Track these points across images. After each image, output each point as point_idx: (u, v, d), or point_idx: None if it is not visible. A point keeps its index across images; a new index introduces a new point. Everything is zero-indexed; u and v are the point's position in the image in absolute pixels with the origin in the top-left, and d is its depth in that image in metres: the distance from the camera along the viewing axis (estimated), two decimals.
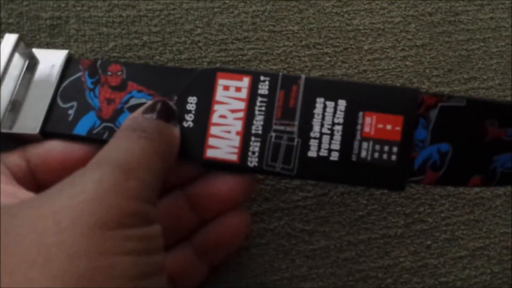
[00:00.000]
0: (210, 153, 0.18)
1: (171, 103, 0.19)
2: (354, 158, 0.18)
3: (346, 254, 0.24)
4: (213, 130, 0.18)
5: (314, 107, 0.18)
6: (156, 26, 0.26)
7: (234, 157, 0.18)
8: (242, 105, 0.18)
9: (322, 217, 0.24)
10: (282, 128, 0.18)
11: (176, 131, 0.18)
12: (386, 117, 0.18)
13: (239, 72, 0.19)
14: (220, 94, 0.18)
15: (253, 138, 0.18)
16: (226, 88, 0.18)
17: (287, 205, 0.24)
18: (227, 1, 0.28)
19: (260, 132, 0.18)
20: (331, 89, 0.18)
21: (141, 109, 0.18)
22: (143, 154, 0.17)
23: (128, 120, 0.18)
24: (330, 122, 0.18)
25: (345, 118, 0.18)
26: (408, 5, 0.30)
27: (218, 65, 0.25)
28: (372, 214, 0.25)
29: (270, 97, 0.18)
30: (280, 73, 0.18)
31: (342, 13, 0.29)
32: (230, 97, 0.18)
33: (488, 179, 0.18)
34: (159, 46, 0.26)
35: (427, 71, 0.28)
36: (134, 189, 0.16)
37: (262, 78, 0.18)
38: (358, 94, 0.18)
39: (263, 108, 0.18)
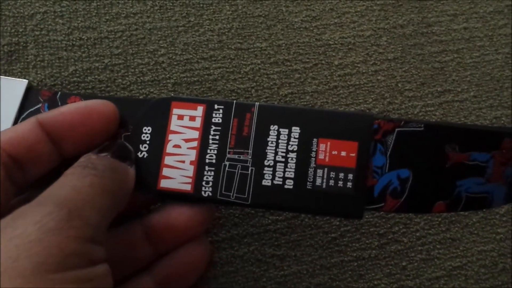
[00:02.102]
0: (164, 184, 0.17)
1: (128, 145, 0.17)
2: (309, 186, 0.16)
3: (319, 279, 0.22)
4: (167, 160, 0.17)
5: (268, 135, 0.17)
6: (118, 48, 0.23)
7: (188, 187, 0.17)
8: (196, 134, 0.17)
9: (293, 241, 0.23)
10: (236, 156, 0.17)
11: (131, 170, 0.17)
12: (340, 143, 0.17)
13: (193, 101, 0.17)
14: (174, 123, 0.17)
15: (207, 168, 0.17)
16: (180, 117, 0.17)
17: (257, 230, 0.22)
18: (192, 19, 0.26)
19: (214, 161, 0.17)
20: (285, 116, 0.17)
21: (97, 148, 0.17)
22: (90, 191, 0.15)
23: (81, 158, 0.17)
24: (284, 150, 0.17)
25: (299, 145, 0.17)
26: (379, 17, 0.28)
27: (183, 86, 0.24)
28: (345, 236, 0.23)
29: (224, 125, 0.17)
30: (234, 101, 0.17)
31: (311, 28, 0.27)
32: (184, 126, 0.17)
33: (453, 205, 0.17)
34: (121, 69, 0.23)
35: (399, 85, 0.27)
36: (77, 229, 0.14)
37: (216, 106, 0.17)
38: (312, 120, 0.17)
39: (217, 137, 0.17)
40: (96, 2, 0.24)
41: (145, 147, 0.17)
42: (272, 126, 0.17)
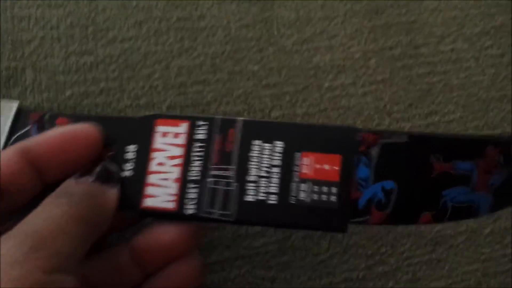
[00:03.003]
0: (147, 203, 0.16)
1: (112, 166, 0.17)
2: (292, 200, 0.16)
3: None
4: (151, 178, 0.17)
5: (251, 150, 0.17)
6: (114, 72, 0.23)
7: (171, 205, 0.16)
8: (180, 151, 0.17)
9: (284, 263, 0.22)
10: (219, 173, 0.17)
11: (112, 192, 0.16)
12: (323, 157, 0.16)
13: (177, 118, 0.17)
14: (158, 141, 0.17)
15: (190, 185, 0.16)
16: (164, 134, 0.17)
17: (248, 252, 0.22)
18: (186, 43, 0.25)
19: (197, 178, 0.16)
20: (268, 131, 0.17)
21: (78, 173, 0.17)
22: (62, 221, 0.15)
23: (60, 185, 0.16)
24: (267, 165, 0.16)
25: (282, 159, 0.16)
26: (369, 39, 0.28)
27: (177, 109, 0.24)
28: (334, 257, 0.23)
29: (208, 142, 0.17)
30: (218, 117, 0.17)
31: (302, 51, 0.27)
32: (168, 143, 0.17)
33: (440, 215, 0.16)
34: (117, 92, 0.23)
35: (387, 106, 0.27)
36: (44, 259, 0.14)
37: (200, 123, 0.17)
38: (295, 134, 0.16)
39: (201, 154, 0.17)
40: (93, 27, 0.24)
41: (129, 166, 0.17)
42: (255, 141, 0.17)
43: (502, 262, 0.23)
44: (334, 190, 0.16)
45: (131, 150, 0.17)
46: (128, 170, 0.17)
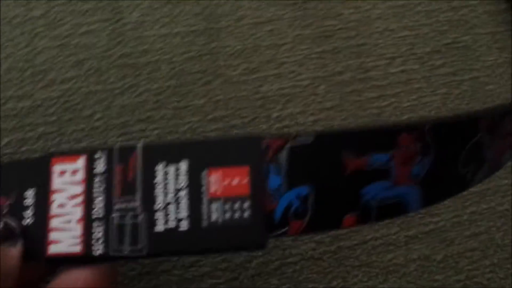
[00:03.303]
0: (52, 250, 0.15)
1: (12, 220, 0.16)
2: (205, 223, 0.15)
3: None
4: (53, 222, 0.15)
5: (154, 176, 0.15)
6: (53, 115, 0.22)
7: (78, 249, 0.15)
8: (79, 189, 0.16)
9: None
10: (124, 206, 0.15)
11: (14, 251, 0.16)
12: (231, 170, 0.15)
13: (73, 153, 0.16)
14: (56, 181, 0.16)
15: (95, 224, 0.15)
16: (62, 173, 0.16)
17: None
18: (128, 81, 0.24)
19: (101, 215, 0.15)
20: (170, 152, 0.15)
21: None
22: None
23: None
24: (173, 189, 0.15)
25: (188, 181, 0.15)
26: (317, 66, 0.28)
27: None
28: None
29: (108, 173, 0.15)
30: (116, 145, 0.16)
31: (249, 81, 0.27)
32: (67, 182, 0.16)
33: (364, 216, 0.15)
34: (56, 137, 0.22)
35: (349, 125, 0.27)
36: None
37: (97, 155, 0.16)
38: (199, 151, 0.15)
39: (102, 188, 0.16)
40: (31, 70, 0.23)
41: (29, 213, 0.16)
42: (158, 165, 0.15)
43: (457, 287, 0.23)
44: (246, 205, 0.15)
45: (29, 196, 0.16)
46: (28, 217, 0.16)
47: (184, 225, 0.15)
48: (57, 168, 0.16)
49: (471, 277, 0.23)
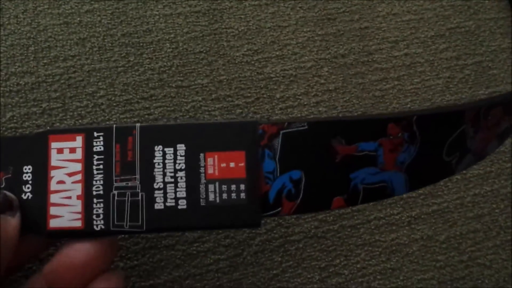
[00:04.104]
0: (53, 224, 0.16)
1: (11, 192, 0.16)
2: (202, 203, 0.16)
3: None
4: (53, 198, 0.16)
5: (153, 157, 0.16)
6: (56, 92, 0.23)
7: (78, 224, 0.16)
8: (79, 166, 0.16)
9: (235, 280, 0.22)
10: (123, 184, 0.16)
11: (12, 221, 0.16)
12: (228, 154, 0.16)
13: (71, 132, 0.16)
14: (54, 158, 0.16)
15: (95, 200, 0.16)
16: (60, 151, 0.16)
17: (199, 271, 0.22)
18: (131, 59, 0.25)
19: (101, 192, 0.16)
20: (168, 134, 0.16)
21: None
22: None
23: None
24: (172, 170, 0.16)
25: (186, 163, 0.16)
26: (321, 48, 0.29)
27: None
28: (287, 271, 0.23)
29: (107, 153, 0.16)
30: (114, 126, 0.16)
31: (253, 62, 0.27)
32: (65, 159, 0.16)
33: (352, 198, 0.16)
34: (59, 112, 0.22)
35: (340, 115, 0.27)
36: None
37: (95, 134, 0.16)
38: (196, 135, 0.16)
39: (101, 166, 0.16)
40: (34, 47, 0.24)
41: (28, 188, 0.16)
42: (156, 146, 0.16)
43: (459, 268, 0.23)
44: (242, 187, 0.16)
45: (27, 171, 0.17)
46: (27, 192, 0.17)
47: (182, 204, 0.16)
48: (55, 145, 0.16)
49: (473, 258, 0.24)
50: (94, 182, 0.16)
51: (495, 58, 0.29)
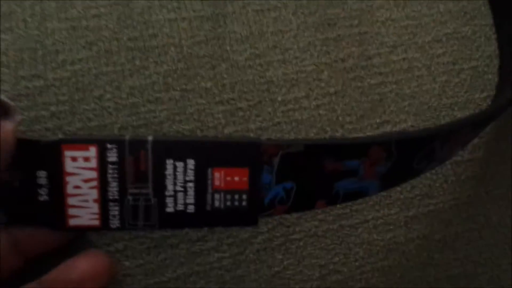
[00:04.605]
0: (72, 222, 0.17)
1: (7, 100, 0.17)
2: (208, 208, 0.18)
3: None
4: (71, 201, 0.17)
5: (165, 169, 0.18)
6: (64, 95, 0.23)
7: (96, 222, 0.18)
8: (94, 174, 0.17)
9: (238, 277, 0.23)
10: (137, 191, 0.18)
11: (9, 125, 0.17)
12: (233, 170, 0.18)
13: (84, 142, 0.18)
14: (69, 165, 0.17)
15: (111, 204, 0.18)
16: (74, 159, 0.17)
17: (202, 268, 0.23)
18: (137, 63, 0.26)
19: (116, 197, 0.18)
20: (178, 149, 0.18)
21: None
22: None
23: None
24: (182, 181, 0.18)
25: (195, 175, 0.18)
26: (321, 52, 0.30)
27: (130, 129, 0.23)
28: (288, 269, 0.24)
29: (120, 163, 0.18)
30: (126, 139, 0.18)
31: (255, 66, 0.28)
32: (80, 167, 0.17)
33: (332, 200, 0.20)
34: (68, 115, 0.23)
35: (340, 118, 0.28)
36: None
37: (108, 146, 0.18)
38: (205, 152, 0.18)
39: (116, 175, 0.18)
40: (42, 51, 0.25)
41: (44, 191, 0.18)
42: (167, 160, 0.18)
43: (454, 266, 0.24)
44: (244, 196, 0.19)
45: (42, 176, 0.18)
46: (43, 195, 0.18)
47: (191, 209, 0.19)
48: (68, 153, 0.18)
49: (468, 256, 0.25)
50: (109, 189, 0.18)
51: (490, 63, 0.30)
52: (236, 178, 0.18)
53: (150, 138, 0.18)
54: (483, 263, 0.25)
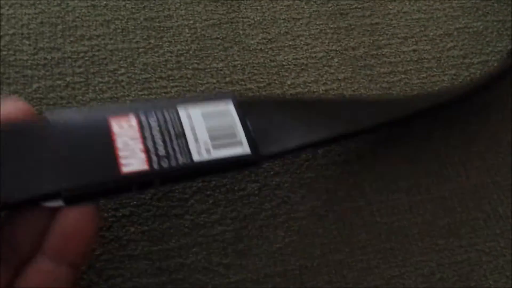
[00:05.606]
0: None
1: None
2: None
3: (262, 287, 0.24)
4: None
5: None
6: (80, 67, 0.25)
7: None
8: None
9: (240, 250, 0.24)
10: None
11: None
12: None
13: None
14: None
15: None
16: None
17: (205, 240, 0.24)
18: (152, 41, 0.28)
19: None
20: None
21: None
22: None
23: None
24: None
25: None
26: (332, 40, 0.30)
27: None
28: (290, 246, 0.25)
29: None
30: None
31: (266, 50, 0.29)
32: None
33: None
34: (82, 86, 0.25)
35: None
36: None
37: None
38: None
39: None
40: (62, 25, 0.26)
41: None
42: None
43: (458, 253, 0.24)
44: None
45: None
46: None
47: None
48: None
49: (472, 244, 0.25)
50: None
51: (500, 58, 0.30)
52: None
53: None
54: (487, 251, 0.25)
